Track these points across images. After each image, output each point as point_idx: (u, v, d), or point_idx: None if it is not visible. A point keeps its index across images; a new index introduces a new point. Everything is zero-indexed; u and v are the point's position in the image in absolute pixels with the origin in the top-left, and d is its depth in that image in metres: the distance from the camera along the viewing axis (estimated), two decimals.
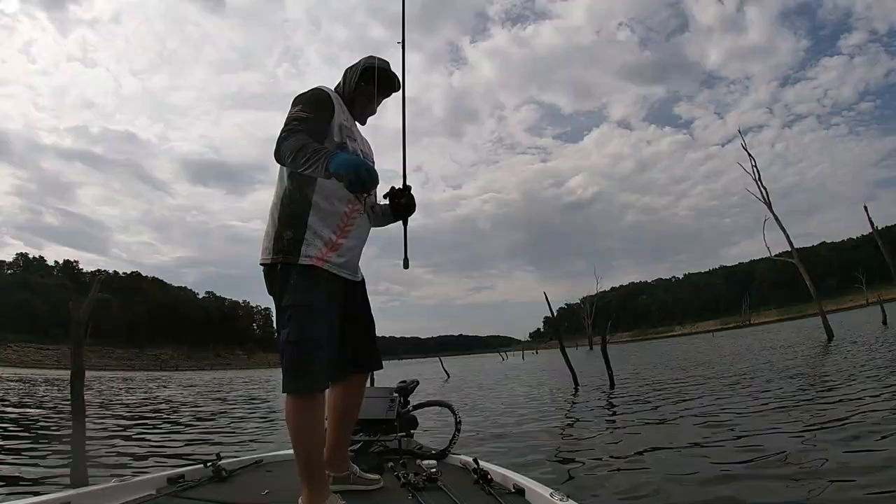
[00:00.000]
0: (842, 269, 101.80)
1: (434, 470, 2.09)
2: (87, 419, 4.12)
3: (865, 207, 19.60)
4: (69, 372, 4.39)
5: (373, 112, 2.13)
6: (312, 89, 1.94)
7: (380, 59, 2.08)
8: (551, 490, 1.83)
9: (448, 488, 1.95)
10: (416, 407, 2.96)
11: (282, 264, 1.80)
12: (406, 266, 2.03)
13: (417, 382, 2.98)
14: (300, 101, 1.87)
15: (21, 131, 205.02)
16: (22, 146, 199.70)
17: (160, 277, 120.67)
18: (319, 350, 1.75)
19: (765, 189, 22.07)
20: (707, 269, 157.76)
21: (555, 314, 15.84)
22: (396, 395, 2.81)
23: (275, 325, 1.84)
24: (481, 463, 2.23)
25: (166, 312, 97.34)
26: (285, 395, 1.75)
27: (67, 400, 5.72)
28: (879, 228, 20.96)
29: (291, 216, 1.83)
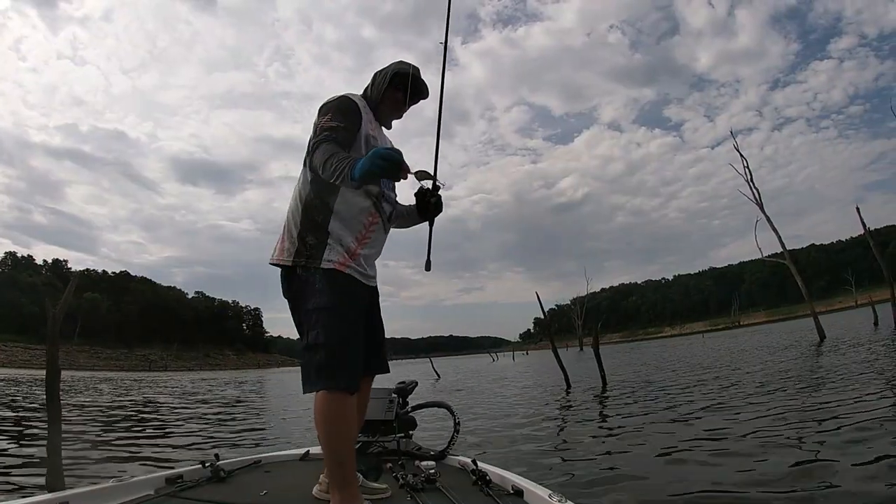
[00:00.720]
0: (831, 270, 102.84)
1: (433, 471, 2.09)
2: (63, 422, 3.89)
3: (858, 209, 19.79)
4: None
5: (399, 117, 2.10)
6: (339, 97, 1.92)
7: (412, 65, 2.03)
8: (550, 491, 1.84)
9: (447, 489, 1.95)
10: (414, 408, 2.96)
11: (303, 268, 1.81)
12: (428, 268, 1.99)
13: (416, 383, 2.98)
14: (328, 109, 1.86)
15: (10, 129, 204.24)
16: (11, 144, 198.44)
17: (149, 277, 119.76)
18: (349, 349, 1.76)
19: (757, 190, 22.30)
20: (696, 271, 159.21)
21: (546, 315, 15.84)
22: (395, 395, 2.80)
23: (296, 327, 1.84)
24: (480, 464, 2.23)
25: (155, 312, 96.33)
26: (315, 393, 1.73)
27: (37, 401, 5.53)
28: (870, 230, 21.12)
29: (314, 222, 1.83)
